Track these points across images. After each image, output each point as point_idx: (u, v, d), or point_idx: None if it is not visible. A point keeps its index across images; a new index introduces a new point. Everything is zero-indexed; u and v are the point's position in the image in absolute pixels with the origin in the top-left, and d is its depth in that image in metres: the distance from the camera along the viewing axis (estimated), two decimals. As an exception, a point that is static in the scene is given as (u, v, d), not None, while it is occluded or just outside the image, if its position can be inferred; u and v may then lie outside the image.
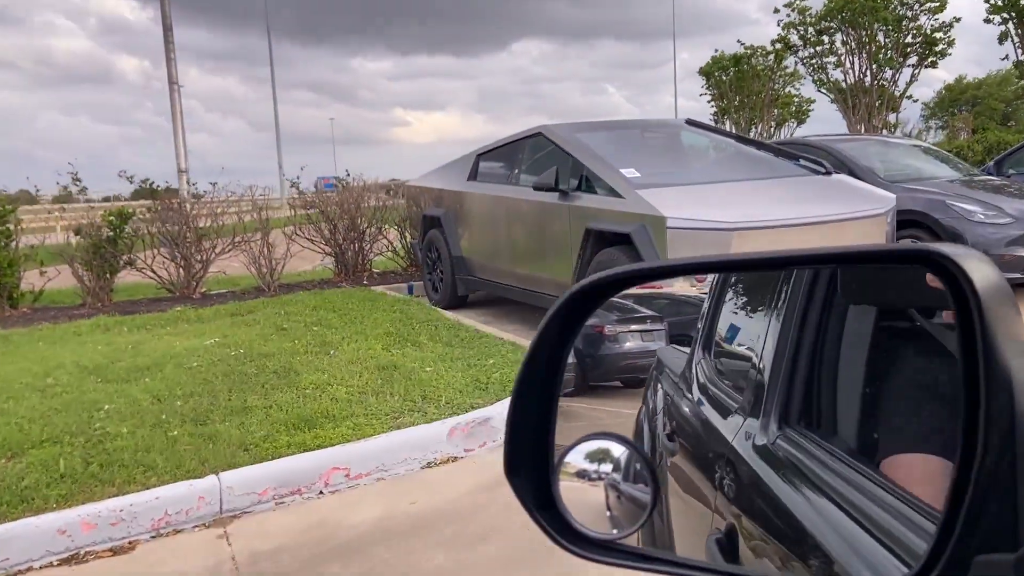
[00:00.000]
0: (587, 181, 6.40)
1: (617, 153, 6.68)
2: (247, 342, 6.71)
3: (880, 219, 5.85)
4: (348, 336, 6.72)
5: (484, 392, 5.03)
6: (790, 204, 5.82)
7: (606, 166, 6.30)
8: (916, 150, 9.88)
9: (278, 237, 10.86)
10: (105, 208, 9.59)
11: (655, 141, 7.04)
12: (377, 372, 5.55)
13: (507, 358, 5.72)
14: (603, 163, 6.35)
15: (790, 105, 35.27)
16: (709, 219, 5.47)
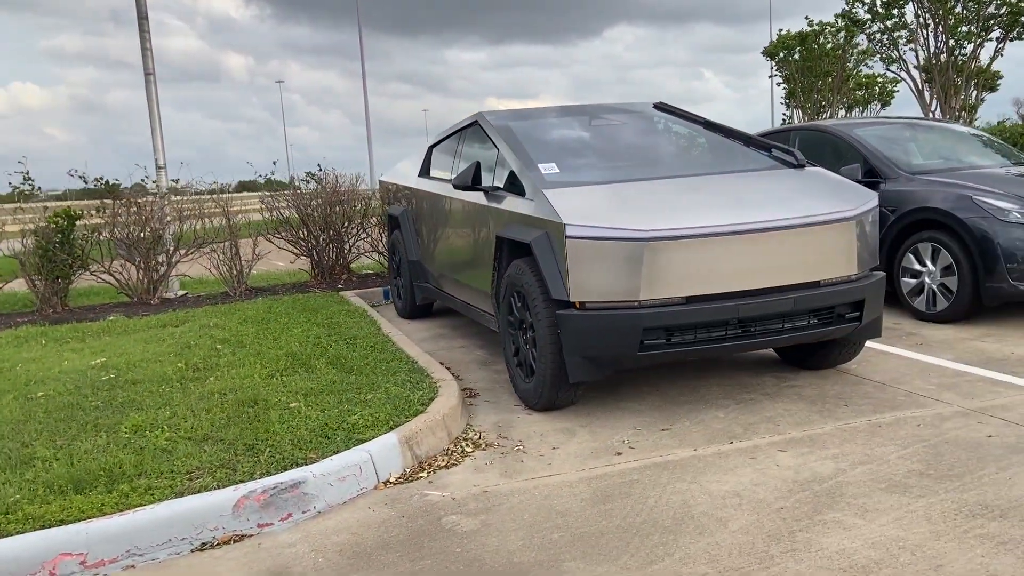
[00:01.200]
0: (511, 178, 5.36)
1: (545, 145, 5.62)
2: (134, 363, 5.94)
3: (845, 225, 4.63)
4: (243, 358, 5.86)
5: (326, 442, 4.08)
6: (731, 207, 4.66)
7: (524, 160, 5.25)
8: (956, 135, 8.42)
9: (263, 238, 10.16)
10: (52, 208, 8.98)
11: (604, 130, 5.93)
12: (230, 409, 4.66)
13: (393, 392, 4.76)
14: (523, 156, 5.30)
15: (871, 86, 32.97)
16: (617, 227, 4.38)
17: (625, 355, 4.44)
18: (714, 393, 5.06)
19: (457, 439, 4.47)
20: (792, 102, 26.44)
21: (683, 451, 4.14)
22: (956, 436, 4.10)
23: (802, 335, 4.69)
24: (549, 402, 4.82)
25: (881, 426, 4.31)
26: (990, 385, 4.89)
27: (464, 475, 4.01)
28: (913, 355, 5.65)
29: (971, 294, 6.32)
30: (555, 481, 3.87)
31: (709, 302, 4.42)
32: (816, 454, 3.98)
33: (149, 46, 10.78)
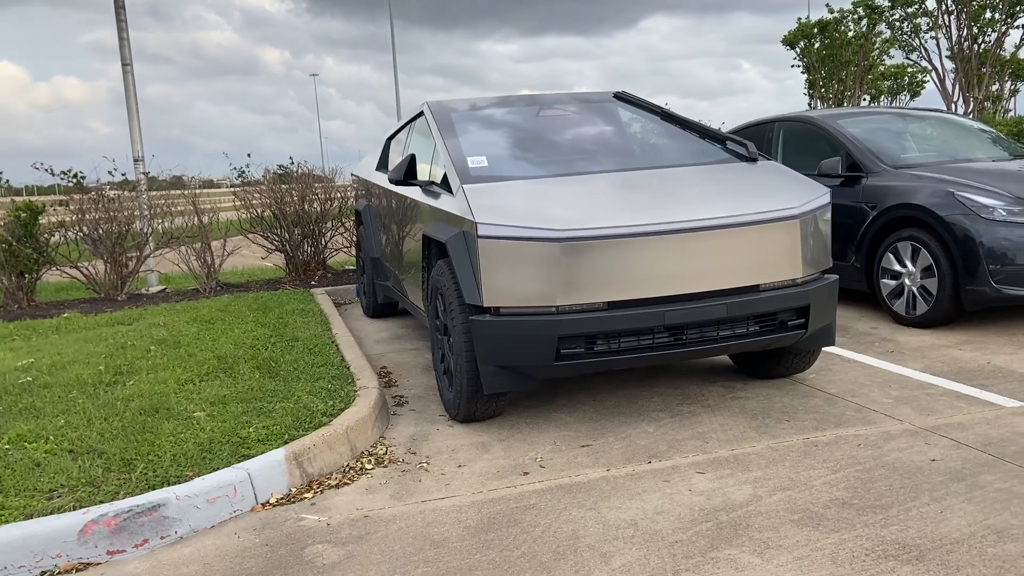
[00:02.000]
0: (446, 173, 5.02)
1: (483, 137, 5.27)
2: (60, 365, 5.70)
3: (788, 224, 4.23)
4: (170, 361, 5.59)
5: (209, 458, 3.79)
6: (664, 205, 4.29)
7: (455, 153, 4.91)
8: (954, 127, 7.92)
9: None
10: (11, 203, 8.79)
11: (551, 122, 5.55)
12: (128, 418, 4.38)
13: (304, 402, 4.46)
14: (454, 149, 4.96)
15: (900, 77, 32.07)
16: (532, 226, 4.02)
17: (541, 365, 4.09)
18: (652, 404, 4.69)
19: (361, 454, 4.15)
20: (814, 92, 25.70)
21: (595, 471, 3.79)
22: (896, 459, 3.70)
23: (741, 344, 4.31)
24: (468, 414, 4.48)
25: (818, 445, 3.92)
26: (953, 399, 4.47)
27: (352, 497, 3.68)
28: (880, 364, 5.23)
29: (951, 297, 5.88)
30: (446, 505, 3.53)
31: (633, 308, 4.05)
32: (736, 477, 3.61)
33: (126, 36, 10.57)
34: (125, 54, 10.58)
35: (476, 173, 4.67)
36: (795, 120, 7.71)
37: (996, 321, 6.18)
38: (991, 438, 3.87)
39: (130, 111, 10.56)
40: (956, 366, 5.09)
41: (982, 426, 4.04)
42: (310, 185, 9.67)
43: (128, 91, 10.56)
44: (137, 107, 10.59)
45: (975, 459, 3.65)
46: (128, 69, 10.57)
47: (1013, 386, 4.62)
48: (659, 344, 4.16)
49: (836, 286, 4.52)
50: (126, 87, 10.57)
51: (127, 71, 10.58)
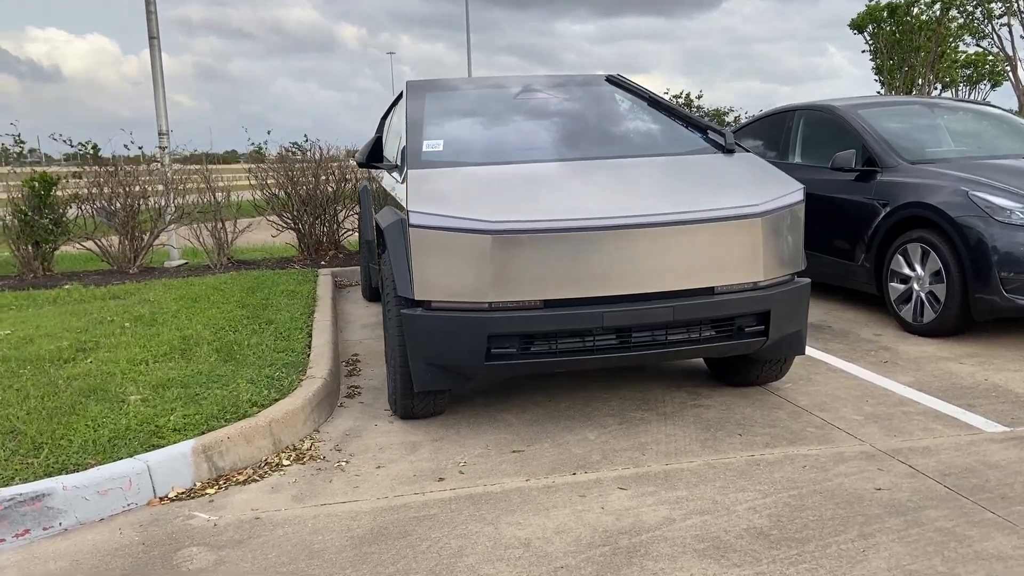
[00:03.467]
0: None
1: (451, 119, 5.03)
2: (30, 338, 5.70)
3: (748, 223, 3.90)
4: (135, 339, 5.52)
5: (117, 445, 3.67)
6: (614, 197, 4.00)
7: (413, 135, 4.69)
8: (991, 119, 7.35)
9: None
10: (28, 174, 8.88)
11: (527, 105, 5.25)
12: (64, 398, 4.31)
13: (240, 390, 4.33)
14: (414, 131, 4.74)
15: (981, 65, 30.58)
16: (465, 216, 3.78)
17: (471, 364, 3.86)
18: (606, 409, 4.41)
19: (284, 449, 3.98)
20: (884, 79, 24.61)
21: (513, 481, 3.55)
22: (838, 485, 3.37)
23: (695, 350, 4.00)
24: (405, 411, 4.28)
25: (760, 464, 3.61)
26: (929, 420, 4.09)
27: (254, 495, 3.52)
28: (866, 375, 4.85)
29: (960, 305, 5.43)
30: (344, 510, 3.34)
31: (570, 307, 3.78)
32: (658, 496, 3.33)
33: (154, 9, 10.59)
34: (152, 27, 10.60)
35: (427, 157, 4.44)
36: (815, 109, 7.25)
37: (1009, 334, 5.71)
38: (954, 467, 3.51)
39: (156, 85, 10.59)
40: (949, 381, 4.68)
41: (949, 452, 3.67)
42: (323, 165, 9.54)
43: (154, 65, 10.59)
44: (163, 81, 10.61)
45: (927, 490, 3.30)
46: (155, 43, 10.60)
47: (1003, 408, 4.21)
48: (602, 347, 3.89)
49: (806, 291, 4.16)
50: (152, 61, 10.59)
51: (154, 44, 10.60)
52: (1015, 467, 3.48)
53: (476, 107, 5.20)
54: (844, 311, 6.56)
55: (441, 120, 4.95)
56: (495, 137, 4.89)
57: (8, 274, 9.16)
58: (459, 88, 5.45)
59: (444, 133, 4.75)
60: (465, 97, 5.31)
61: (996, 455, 3.62)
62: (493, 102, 5.26)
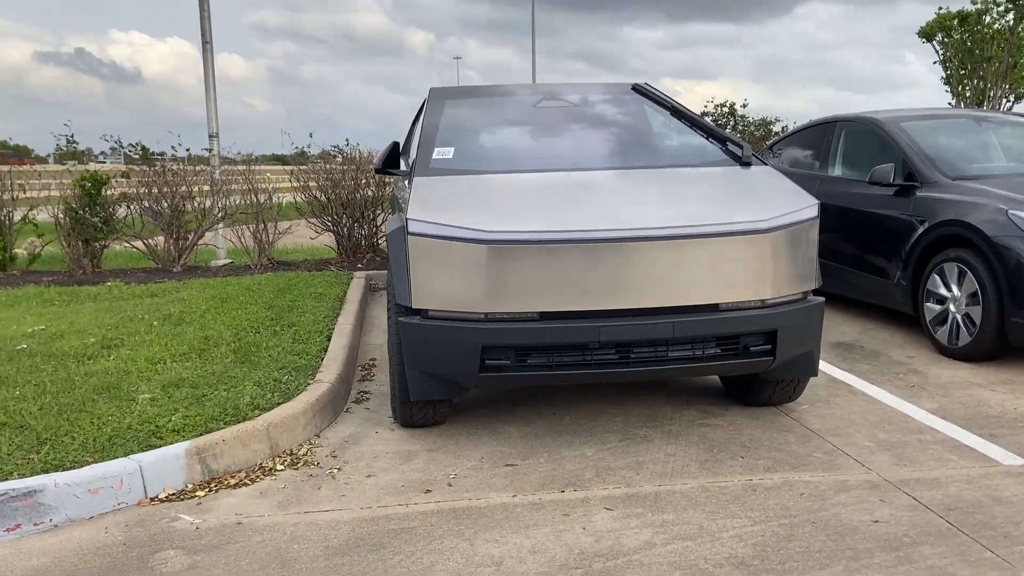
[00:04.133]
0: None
1: (467, 127, 5.00)
2: (61, 334, 5.85)
3: (754, 238, 3.78)
4: (160, 338, 5.63)
5: (117, 444, 3.73)
6: (617, 209, 3.92)
7: (426, 142, 4.68)
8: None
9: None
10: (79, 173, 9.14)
11: (545, 114, 5.19)
12: (78, 395, 4.41)
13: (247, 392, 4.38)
14: (427, 138, 4.73)
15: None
16: (462, 225, 3.74)
17: (466, 375, 3.82)
18: (611, 424, 4.33)
19: (280, 453, 4.00)
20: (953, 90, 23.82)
21: (501, 496, 3.49)
22: (833, 516, 3.24)
23: (698, 367, 3.90)
24: (404, 419, 4.26)
25: (757, 490, 3.49)
26: (945, 449, 3.91)
27: (241, 499, 3.53)
28: (888, 399, 4.66)
29: (996, 329, 5.19)
30: (325, 519, 3.33)
31: (566, 320, 3.71)
32: (644, 518, 3.24)
33: (207, 13, 10.80)
34: (205, 31, 10.82)
35: (436, 165, 4.42)
36: (857, 121, 7.03)
37: (1054, 359, 5.43)
38: (961, 501, 3.34)
39: (208, 88, 10.79)
40: (975, 410, 4.47)
41: (959, 485, 3.49)
42: (363, 168, 9.61)
43: (207, 68, 10.80)
44: (214, 85, 10.81)
45: (927, 525, 3.14)
46: (208, 47, 10.80)
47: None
48: (600, 362, 3.81)
49: (819, 310, 4.02)
50: (204, 65, 10.80)
51: (207, 48, 10.81)
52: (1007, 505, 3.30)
53: (495, 115, 5.16)
54: (880, 330, 6.34)
55: (458, 127, 4.92)
56: (509, 145, 4.85)
57: (60, 270, 9.43)
58: (482, 95, 5.42)
59: (458, 140, 4.72)
60: (486, 105, 5.28)
61: (1008, 490, 3.43)
62: (513, 110, 5.22)
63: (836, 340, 6.07)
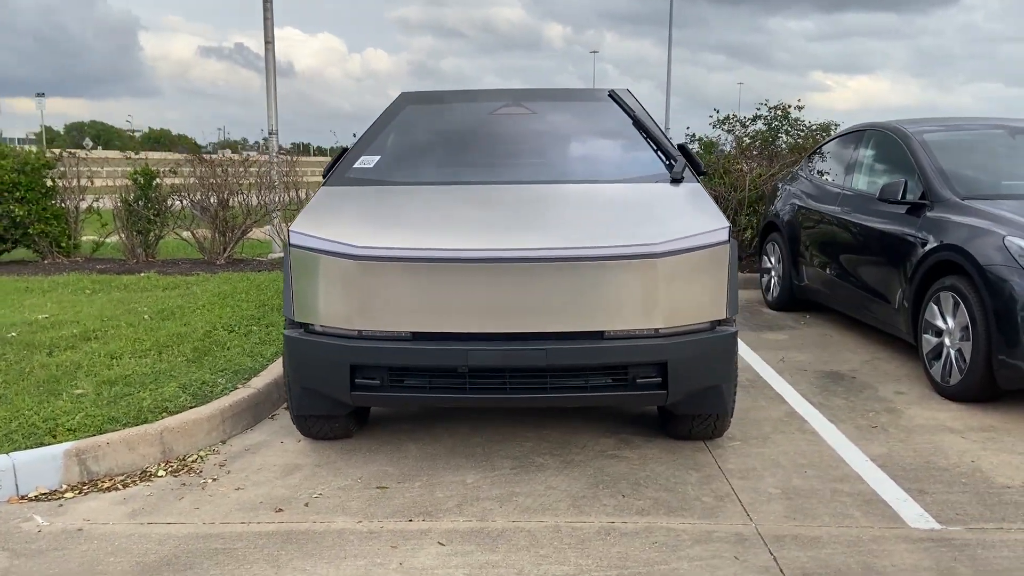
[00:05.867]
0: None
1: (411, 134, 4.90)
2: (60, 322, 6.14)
3: (643, 264, 3.51)
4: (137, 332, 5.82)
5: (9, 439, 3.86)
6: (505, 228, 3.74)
7: (357, 149, 4.62)
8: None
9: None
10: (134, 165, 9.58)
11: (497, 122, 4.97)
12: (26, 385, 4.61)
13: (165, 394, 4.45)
14: (361, 145, 4.67)
15: None
16: (334, 239, 3.66)
17: (338, 394, 3.73)
18: (516, 449, 4.16)
19: (172, 459, 4.03)
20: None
21: (346, 522, 3.40)
22: (669, 571, 2.97)
23: (579, 397, 3.68)
24: (303, 431, 4.23)
25: (611, 534, 3.25)
26: (855, 504, 3.54)
27: (100, 505, 3.58)
28: (837, 441, 4.28)
29: (984, 368, 4.67)
30: (162, 532, 3.33)
31: (437, 342, 3.57)
32: (469, 557, 3.07)
33: (270, 15, 11.11)
34: (268, 32, 11.12)
35: (353, 174, 4.35)
36: (883, 130, 6.49)
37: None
38: (825, 567, 3.00)
39: (268, 87, 11.13)
40: (926, 459, 4.03)
41: (837, 548, 3.14)
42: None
43: (268, 67, 11.13)
44: (275, 83, 11.12)
45: (765, 593, 2.83)
46: (270, 47, 11.12)
47: (960, 499, 3.57)
48: (478, 387, 3.64)
49: (726, 343, 3.71)
50: (266, 64, 11.13)
51: (269, 48, 11.13)
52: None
53: (445, 123, 5.03)
54: (887, 361, 5.84)
55: (401, 135, 4.83)
56: (439, 156, 4.71)
57: (116, 259, 9.92)
58: (445, 101, 5.29)
59: (393, 149, 4.63)
60: (443, 112, 5.15)
61: (889, 559, 3.06)
62: (467, 118, 5.07)
63: (831, 369, 5.63)
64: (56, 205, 9.70)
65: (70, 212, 9.89)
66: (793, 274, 7.34)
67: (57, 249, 9.77)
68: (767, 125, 9.63)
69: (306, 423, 4.13)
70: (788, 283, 7.42)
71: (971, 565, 3.01)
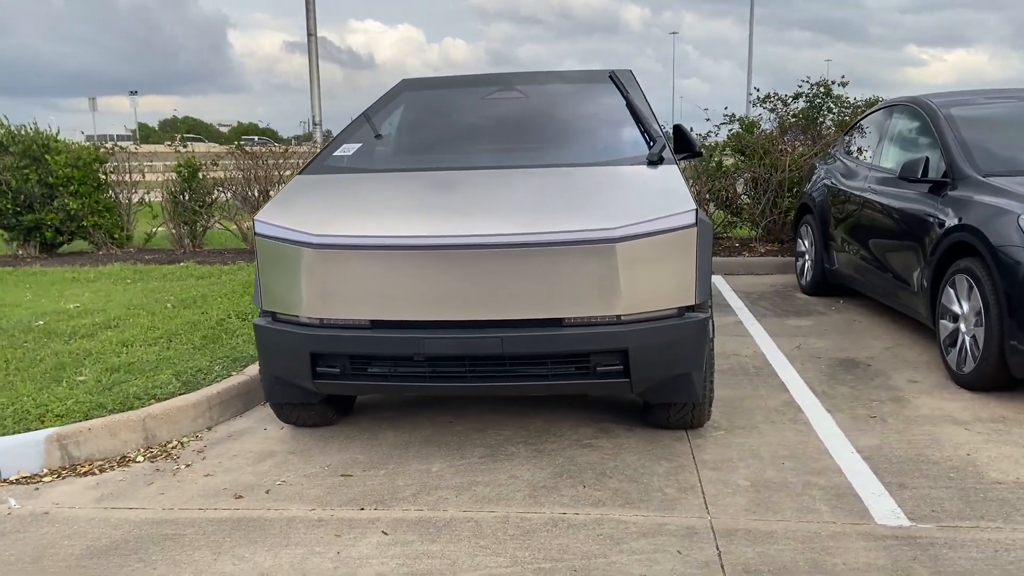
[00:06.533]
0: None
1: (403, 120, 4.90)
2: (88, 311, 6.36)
3: (601, 249, 3.41)
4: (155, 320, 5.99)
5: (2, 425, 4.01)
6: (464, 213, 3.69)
7: (342, 137, 4.63)
8: None
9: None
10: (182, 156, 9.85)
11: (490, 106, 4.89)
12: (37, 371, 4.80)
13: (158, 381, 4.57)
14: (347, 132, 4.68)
15: None
16: (292, 227, 3.68)
17: (302, 381, 3.75)
18: (492, 439, 4.11)
19: (153, 445, 4.13)
20: None
21: (299, 509, 3.42)
22: (605, 565, 2.89)
23: (543, 385, 3.61)
24: (282, 418, 4.26)
25: (558, 525, 3.18)
26: (825, 499, 3.39)
27: (74, 489, 3.69)
28: (828, 431, 4.12)
29: (998, 354, 4.41)
30: (121, 517, 3.41)
31: (393, 330, 3.56)
32: (408, 548, 3.05)
33: (312, 9, 11.25)
34: (310, 24, 11.27)
35: (330, 162, 4.36)
36: (910, 104, 6.17)
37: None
38: (771, 564, 2.87)
39: (312, 78, 11.28)
40: (918, 452, 3.83)
41: (789, 544, 3.01)
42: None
43: (311, 60, 11.27)
44: (318, 75, 11.26)
45: (698, 589, 2.73)
46: (312, 39, 11.26)
47: (940, 495, 3.37)
48: (442, 375, 3.61)
49: (695, 329, 3.58)
50: (309, 55, 11.27)
51: (311, 41, 11.27)
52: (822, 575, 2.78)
53: (437, 110, 4.98)
54: (910, 348, 5.58)
55: (389, 122, 4.82)
56: (419, 143, 4.69)
57: (166, 249, 10.24)
58: (444, 87, 5.25)
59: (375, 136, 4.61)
60: (438, 98, 5.11)
61: (841, 557, 2.91)
62: (460, 104, 5.02)
63: (847, 356, 5.41)
64: (108, 198, 10.03)
65: (122, 205, 10.21)
66: (824, 257, 7.08)
67: (111, 240, 10.12)
68: (809, 103, 9.28)
69: (282, 410, 4.17)
70: (820, 267, 7.15)
71: (931, 566, 2.84)
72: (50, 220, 9.73)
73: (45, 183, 9.61)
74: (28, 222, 9.76)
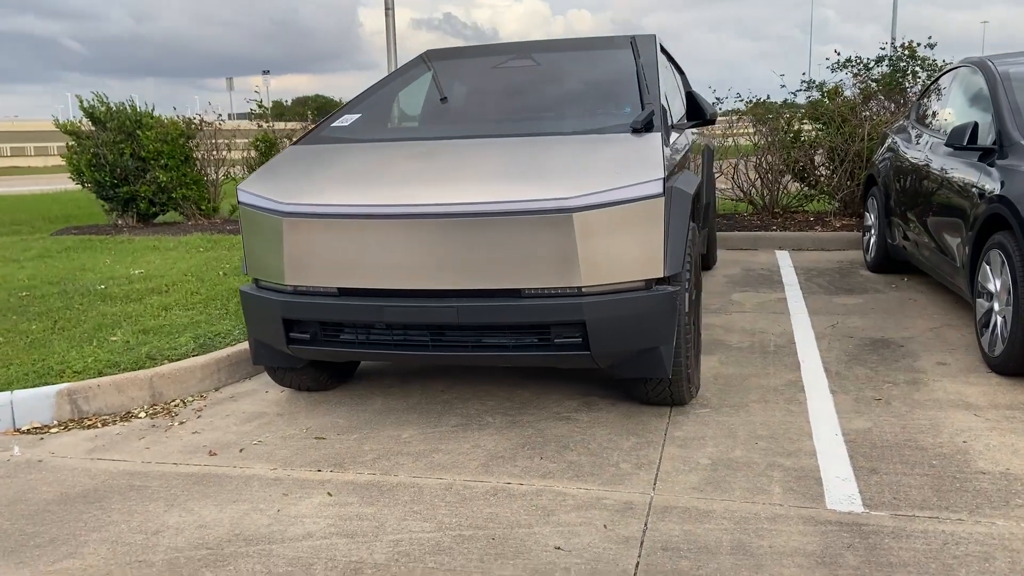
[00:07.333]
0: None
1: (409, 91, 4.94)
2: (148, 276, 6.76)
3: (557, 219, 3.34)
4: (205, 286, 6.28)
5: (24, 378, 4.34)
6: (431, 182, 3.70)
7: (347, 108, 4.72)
8: None
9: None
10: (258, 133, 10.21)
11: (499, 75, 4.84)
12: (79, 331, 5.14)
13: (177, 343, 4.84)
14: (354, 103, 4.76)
15: None
16: (264, 196, 3.80)
17: (278, 345, 3.88)
18: (472, 408, 4.14)
19: (158, 403, 4.36)
20: None
21: (260, 468, 3.55)
22: (525, 535, 2.88)
23: (507, 356, 3.61)
24: (277, 381, 4.41)
25: (497, 495, 3.19)
26: (786, 481, 3.25)
27: (73, 440, 3.95)
28: (822, 412, 3.94)
29: None
30: (102, 468, 3.63)
31: (357, 298, 3.63)
32: (346, 509, 3.13)
33: (393, -20, 11.39)
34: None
35: (325, 132, 4.45)
36: (970, 64, 5.74)
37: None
38: (676, 541, 2.79)
39: (389, 50, 11.45)
40: (909, 437, 3.62)
41: (720, 523, 2.91)
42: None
43: (389, 33, 11.45)
44: (395, 47, 11.43)
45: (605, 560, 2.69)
46: (390, 12, 11.42)
47: (912, 482, 3.18)
48: (412, 343, 3.66)
49: (662, 302, 3.48)
50: (387, 28, 11.45)
51: (388, 15, 11.44)
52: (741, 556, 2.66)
53: (448, 79, 4.98)
54: (957, 328, 5.25)
55: (396, 92, 4.86)
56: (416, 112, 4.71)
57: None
58: (463, 58, 5.24)
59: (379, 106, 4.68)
60: (453, 68, 5.11)
61: (773, 539, 2.79)
62: (470, 74, 5.01)
63: (882, 336, 5.14)
64: (196, 171, 10.53)
65: (208, 177, 10.70)
66: (887, 232, 6.70)
67: (199, 212, 10.62)
68: (892, 67, 8.73)
69: (276, 374, 4.31)
70: (883, 241, 6.78)
71: (863, 555, 2.68)
72: (144, 192, 10.29)
73: (138, 157, 10.17)
74: (124, 194, 10.37)
